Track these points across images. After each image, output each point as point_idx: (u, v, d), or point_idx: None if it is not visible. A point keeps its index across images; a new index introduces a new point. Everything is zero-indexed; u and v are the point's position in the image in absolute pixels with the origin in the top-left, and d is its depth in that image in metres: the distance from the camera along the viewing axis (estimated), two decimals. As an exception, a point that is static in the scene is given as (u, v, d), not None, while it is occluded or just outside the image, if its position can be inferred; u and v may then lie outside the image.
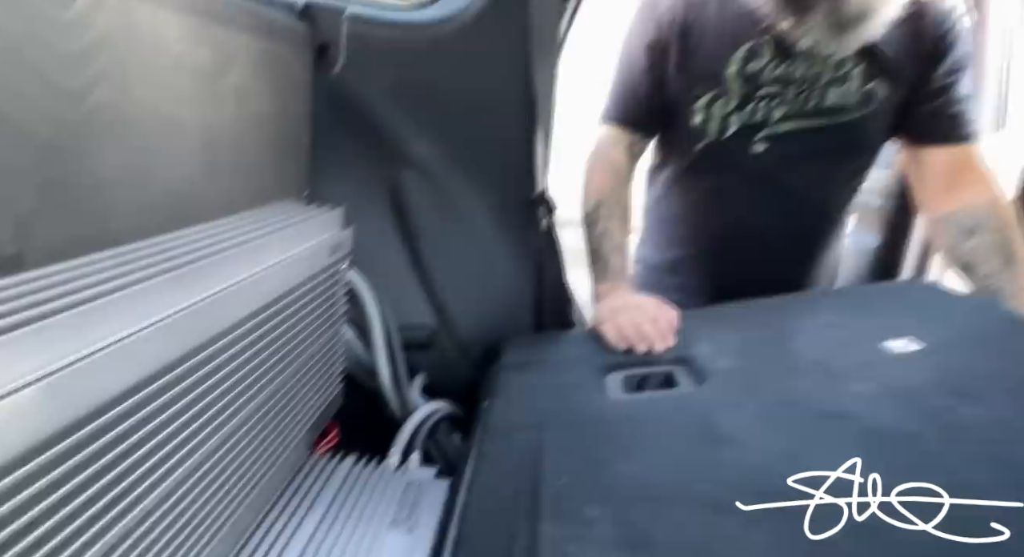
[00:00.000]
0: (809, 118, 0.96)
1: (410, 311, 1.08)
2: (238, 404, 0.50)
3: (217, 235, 0.52)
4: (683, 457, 0.60)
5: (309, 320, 0.64)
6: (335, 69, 1.01)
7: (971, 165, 0.96)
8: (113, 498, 0.36)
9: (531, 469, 0.61)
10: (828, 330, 0.85)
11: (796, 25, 0.88)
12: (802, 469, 0.54)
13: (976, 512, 0.45)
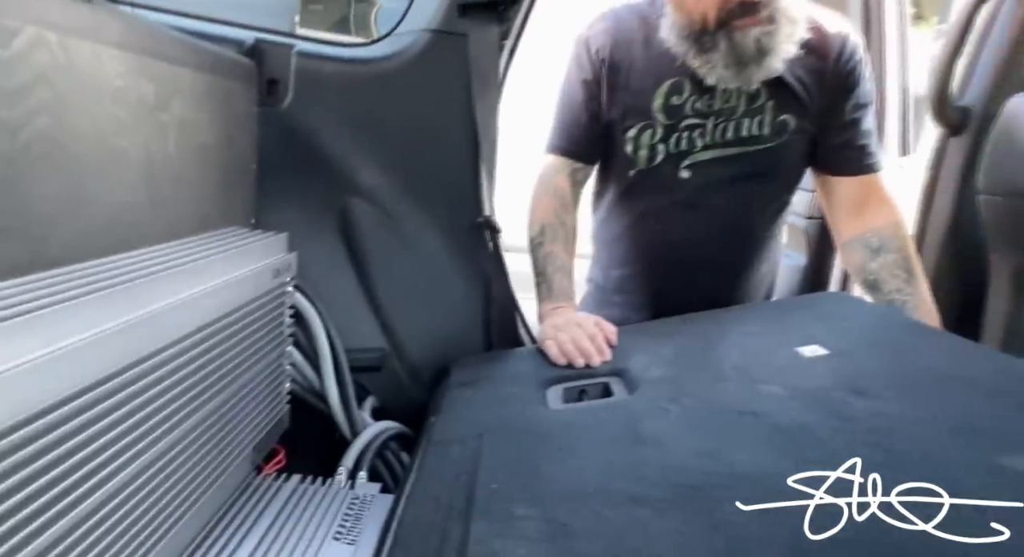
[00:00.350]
0: (728, 147, 1.03)
1: (361, 334, 1.09)
2: (175, 420, 0.51)
3: (156, 258, 0.54)
4: (609, 458, 0.64)
5: (250, 341, 0.66)
6: (284, 102, 1.05)
7: (876, 192, 1.04)
8: (42, 506, 0.37)
9: (468, 476, 0.64)
10: (749, 339, 0.90)
11: (702, 63, 0.95)
12: (714, 463, 0.59)
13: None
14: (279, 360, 0.78)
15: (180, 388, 0.52)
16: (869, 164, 1.04)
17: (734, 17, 0.91)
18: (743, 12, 0.91)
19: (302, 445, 0.94)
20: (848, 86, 1.02)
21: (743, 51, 0.92)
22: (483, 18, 1.07)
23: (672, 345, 0.93)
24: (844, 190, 1.05)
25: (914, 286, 1.00)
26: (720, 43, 0.93)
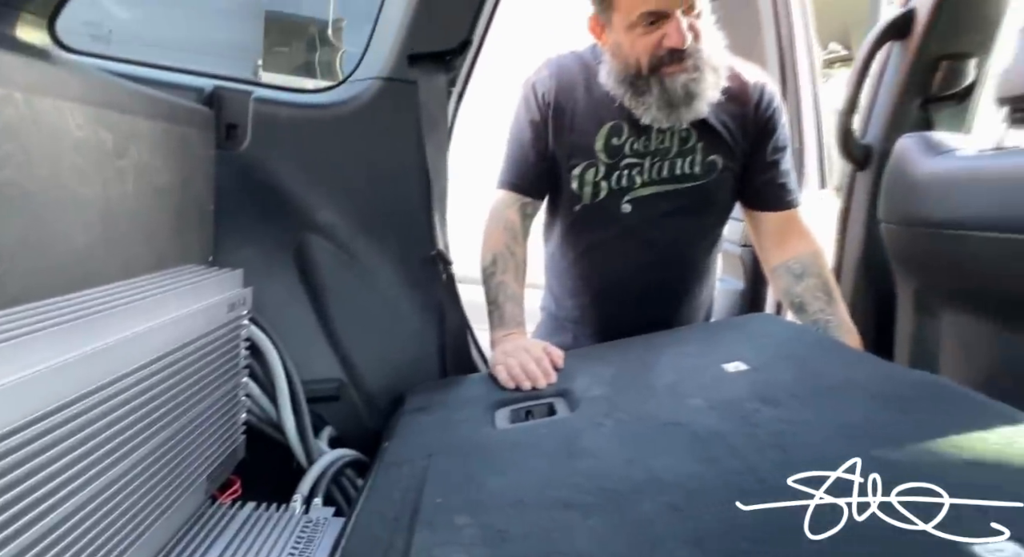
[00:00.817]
0: (664, 184, 1.11)
1: (318, 366, 1.12)
2: (124, 450, 0.53)
3: (112, 296, 0.57)
4: (545, 470, 0.68)
5: (204, 374, 0.68)
6: (243, 145, 1.09)
7: (796, 225, 1.14)
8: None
9: (415, 493, 0.67)
10: (682, 358, 0.96)
11: (637, 104, 1.04)
12: (637, 469, 0.63)
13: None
14: (234, 392, 0.80)
15: (130, 419, 0.54)
16: (789, 201, 1.13)
17: (663, 64, 1.00)
18: (671, 59, 1.00)
19: (259, 474, 0.95)
20: (767, 131, 1.11)
21: (673, 95, 1.01)
22: (431, 67, 1.14)
23: (613, 366, 0.98)
24: (769, 223, 1.14)
25: (834, 307, 1.08)
26: (653, 87, 1.02)
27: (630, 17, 0.99)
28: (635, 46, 1.01)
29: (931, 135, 1.04)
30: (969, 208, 0.89)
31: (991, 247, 0.84)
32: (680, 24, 0.97)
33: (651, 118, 1.05)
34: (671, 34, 0.98)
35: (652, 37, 0.99)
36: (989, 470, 0.51)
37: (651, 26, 0.99)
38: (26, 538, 0.42)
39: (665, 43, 0.99)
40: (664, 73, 1.00)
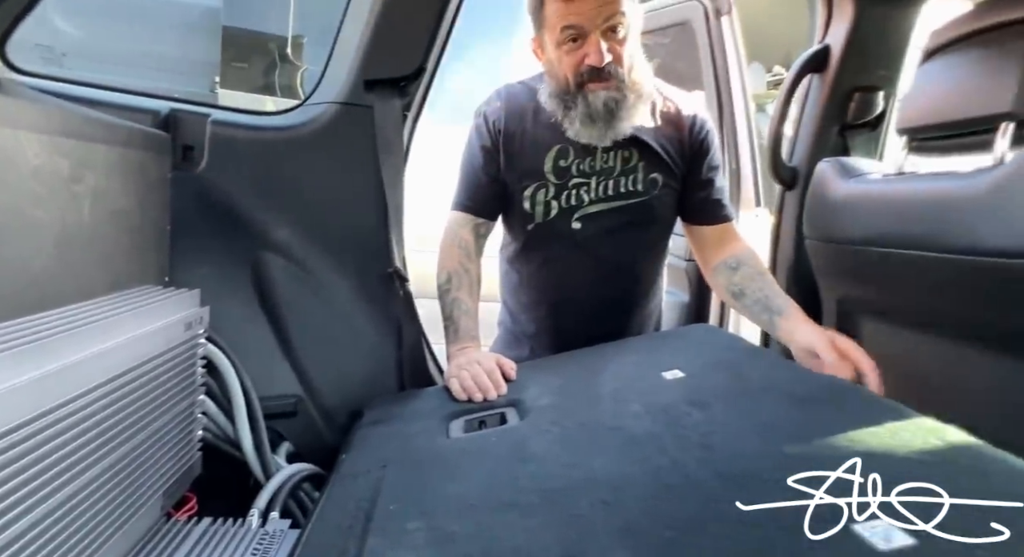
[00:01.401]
0: (610, 201, 1.17)
1: (276, 382, 1.12)
2: (78, 469, 0.54)
3: (67, 317, 0.58)
4: (493, 475, 0.71)
5: (159, 392, 0.69)
6: (199, 167, 1.10)
7: (731, 234, 1.21)
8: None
9: (369, 502, 0.69)
10: (626, 368, 1.01)
11: (565, 118, 1.10)
12: (577, 471, 0.67)
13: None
14: (190, 410, 0.80)
15: (83, 439, 0.55)
16: (724, 215, 1.21)
17: (586, 80, 1.07)
18: (592, 76, 1.07)
19: (217, 491, 0.95)
20: (702, 152, 1.19)
21: (593, 110, 1.07)
22: (387, 92, 1.17)
23: (562, 376, 1.03)
24: (707, 235, 1.21)
25: (770, 287, 1.12)
26: (578, 103, 1.08)
27: (555, 33, 1.07)
28: (562, 63, 1.08)
29: (845, 160, 1.13)
30: (875, 227, 0.97)
31: (893, 262, 0.93)
32: (599, 44, 1.04)
33: (575, 132, 1.11)
34: (590, 53, 1.05)
35: (576, 55, 1.06)
36: (875, 458, 0.56)
37: (574, 44, 1.06)
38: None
39: (586, 61, 1.06)
40: (587, 89, 1.07)
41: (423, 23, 1.14)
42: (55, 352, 0.52)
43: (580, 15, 1.04)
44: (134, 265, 0.81)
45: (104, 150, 0.73)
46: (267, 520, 0.84)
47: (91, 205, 0.70)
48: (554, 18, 1.06)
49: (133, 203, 0.80)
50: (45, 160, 0.61)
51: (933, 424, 0.61)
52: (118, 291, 0.74)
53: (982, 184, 0.77)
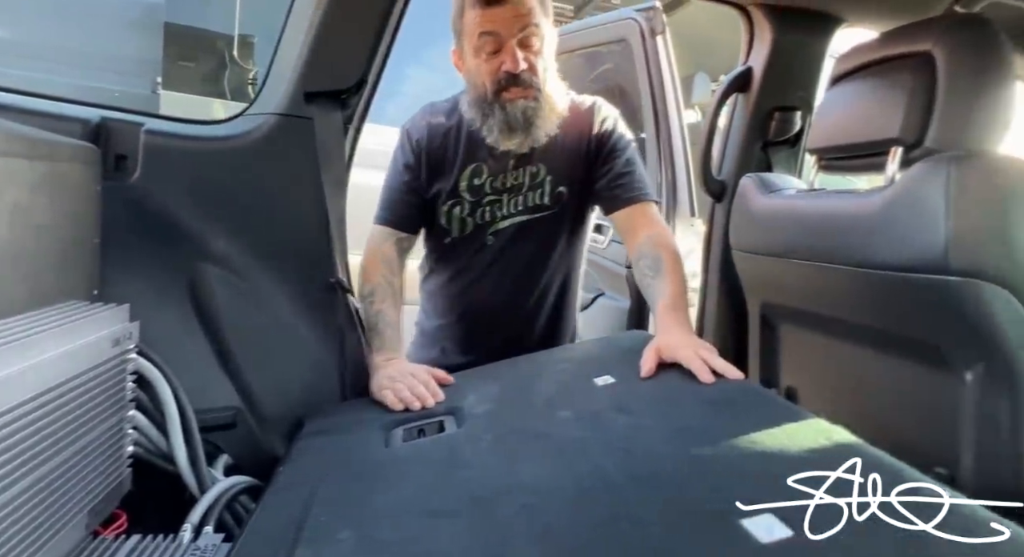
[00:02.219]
0: (521, 215, 1.22)
1: (214, 395, 1.11)
2: (6, 481, 0.54)
3: (-16, 337, 0.57)
4: (426, 482, 0.74)
5: (84, 410, 0.68)
6: (133, 177, 1.08)
7: (642, 217, 1.18)
8: None
9: (301, 513, 0.70)
10: (561, 374, 1.05)
11: (484, 126, 1.14)
12: (504, 477, 0.70)
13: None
14: (119, 426, 0.79)
15: (7, 454, 0.55)
16: (631, 196, 1.18)
17: (504, 88, 1.12)
18: (509, 84, 1.11)
19: (150, 507, 0.94)
20: (605, 138, 1.22)
21: (512, 118, 1.12)
22: (328, 105, 1.18)
23: (500, 384, 1.06)
24: (620, 221, 1.22)
25: (659, 280, 1.10)
26: (496, 111, 1.13)
27: (474, 40, 1.11)
28: (480, 71, 1.12)
29: (766, 176, 1.20)
30: (787, 239, 1.04)
31: (803, 272, 1.00)
32: (514, 52, 1.09)
33: (494, 139, 1.16)
34: (507, 60, 1.10)
35: (493, 62, 1.11)
36: (768, 457, 0.62)
37: (491, 54, 1.11)
38: None
39: (503, 68, 1.10)
40: (505, 98, 1.12)
41: (363, 36, 1.16)
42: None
43: (496, 23, 1.08)
44: (59, 280, 0.80)
45: (26, 165, 0.71)
46: (200, 534, 0.84)
47: (11, 221, 0.68)
48: (472, 25, 1.11)
49: (58, 217, 0.79)
50: (-40, 177, 0.59)
51: (823, 425, 0.67)
52: (42, 308, 0.72)
53: (873, 203, 0.84)
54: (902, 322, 0.86)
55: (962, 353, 0.77)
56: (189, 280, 1.11)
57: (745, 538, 0.50)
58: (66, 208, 0.82)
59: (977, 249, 0.72)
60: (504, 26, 1.09)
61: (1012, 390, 0.73)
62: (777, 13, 1.27)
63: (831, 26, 1.28)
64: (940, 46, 0.83)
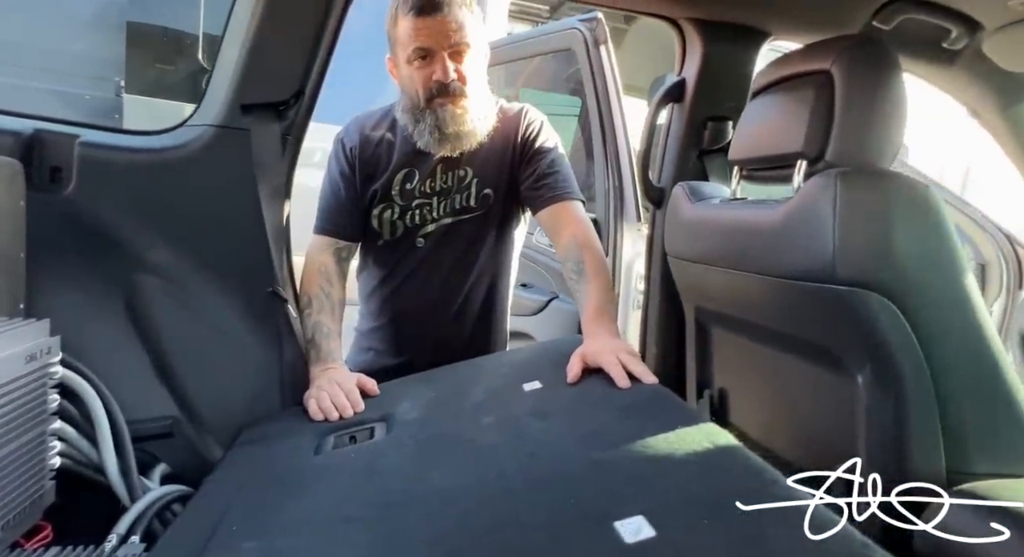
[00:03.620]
0: (449, 217, 1.25)
1: (151, 405, 1.11)
2: None
3: None
4: (343, 490, 0.76)
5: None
6: (68, 189, 1.08)
7: (565, 216, 1.20)
8: None
9: (215, 523, 0.72)
10: (491, 381, 1.08)
11: (415, 131, 1.17)
12: (417, 484, 0.73)
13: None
14: (39, 439, 0.80)
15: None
16: (554, 195, 1.21)
17: (435, 96, 1.15)
18: (440, 92, 1.15)
19: (81, 518, 0.94)
20: (531, 141, 1.26)
21: (442, 124, 1.15)
22: (265, 116, 1.19)
23: (435, 390, 1.08)
24: (544, 220, 1.25)
25: (583, 284, 1.13)
26: (427, 116, 1.16)
27: (407, 50, 1.15)
28: (413, 79, 1.16)
29: (697, 184, 1.24)
30: (710, 246, 1.08)
31: (724, 278, 1.04)
32: (445, 62, 1.13)
33: (424, 143, 1.19)
34: (437, 70, 1.13)
35: (425, 71, 1.15)
36: (655, 461, 0.65)
37: (424, 62, 1.14)
38: None
39: (434, 77, 1.14)
40: (436, 104, 1.15)
41: (299, 47, 1.17)
42: None
43: (429, 35, 1.12)
44: (-23, 296, 0.80)
45: (-65, 184, 0.72)
46: (125, 543, 0.85)
47: (-81, 240, 0.69)
48: (405, 36, 1.14)
49: (-26, 234, 0.79)
50: None
51: (713, 428, 0.71)
52: (-46, 325, 0.73)
53: (776, 214, 0.88)
54: (802, 327, 0.90)
55: (852, 357, 0.81)
56: (126, 291, 1.11)
57: (614, 539, 0.54)
58: (-15, 224, 0.82)
59: (862, 260, 0.76)
60: (435, 38, 1.12)
61: (896, 392, 0.77)
62: (706, 27, 1.31)
63: (758, 39, 1.33)
64: (837, 65, 0.87)
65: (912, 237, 0.75)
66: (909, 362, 0.75)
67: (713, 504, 0.55)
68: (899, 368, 0.76)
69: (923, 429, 0.76)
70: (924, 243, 0.75)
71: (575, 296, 1.18)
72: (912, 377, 0.75)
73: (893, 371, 0.77)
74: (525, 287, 2.07)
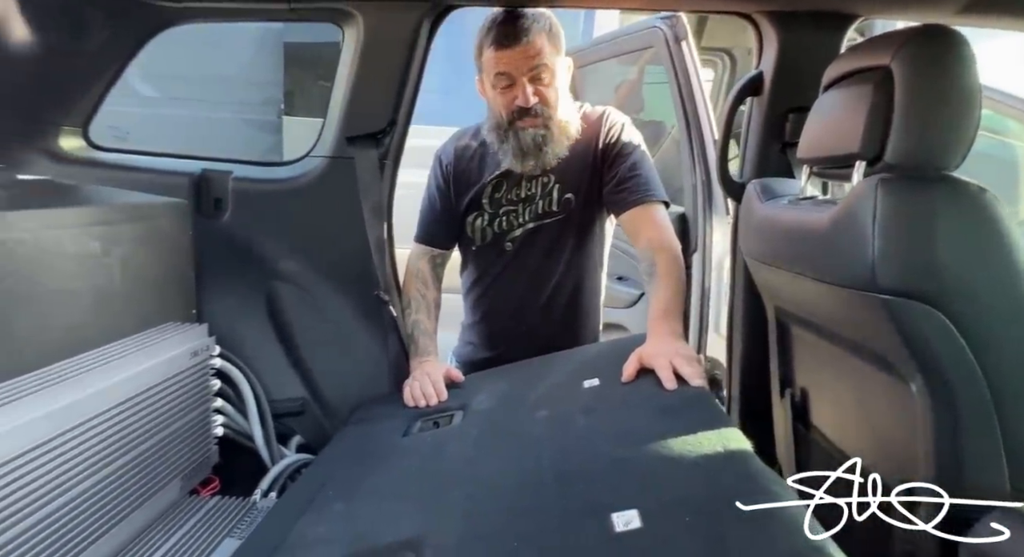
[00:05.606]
0: (533, 222, 1.34)
1: (286, 387, 1.38)
2: (109, 458, 0.79)
3: (100, 357, 0.83)
4: (414, 467, 0.90)
5: (171, 405, 0.94)
6: (225, 216, 1.36)
7: (644, 220, 1.25)
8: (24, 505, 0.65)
9: (317, 487, 0.90)
10: (557, 377, 1.16)
11: (500, 150, 1.26)
12: (464, 466, 0.85)
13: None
14: (204, 414, 1.05)
15: (109, 440, 0.80)
16: (634, 199, 1.25)
17: (517, 118, 1.23)
18: (522, 115, 1.22)
19: (237, 474, 1.21)
20: (611, 145, 1.29)
21: (524, 144, 1.23)
22: (365, 145, 1.38)
23: (507, 384, 1.20)
24: (625, 224, 1.29)
25: (653, 285, 1.18)
26: (510, 137, 1.25)
27: (491, 76, 1.23)
28: (497, 102, 1.24)
29: (768, 182, 1.20)
30: (771, 247, 1.06)
31: (786, 279, 1.02)
32: (525, 88, 1.20)
33: (508, 163, 1.27)
34: (519, 95, 1.21)
35: (507, 96, 1.23)
36: (669, 460, 0.70)
37: (506, 88, 1.22)
38: (49, 508, 0.68)
39: (516, 102, 1.22)
40: (518, 126, 1.23)
41: (391, 84, 1.34)
42: (88, 384, 0.76)
43: (509, 64, 1.20)
44: (160, 307, 1.07)
45: (128, 228, 0.98)
46: (267, 497, 1.08)
47: (121, 270, 0.95)
48: (488, 64, 1.23)
49: (155, 261, 1.06)
50: (80, 245, 0.86)
51: (732, 434, 0.74)
52: (145, 329, 0.99)
53: (824, 218, 0.86)
54: (858, 332, 0.87)
55: (904, 365, 0.78)
56: (267, 296, 1.38)
57: (606, 528, 0.61)
58: (162, 253, 1.09)
59: (903, 269, 0.72)
60: (516, 66, 1.20)
61: (949, 402, 0.73)
62: (782, 17, 1.24)
63: (842, 24, 1.23)
64: (897, 60, 0.82)
65: (959, 244, 0.69)
66: (961, 372, 0.71)
67: (703, 504, 0.60)
68: (950, 378, 0.72)
69: (980, 442, 0.71)
70: (974, 250, 0.69)
71: (648, 297, 1.22)
72: (965, 388, 0.71)
73: (944, 381, 0.73)
74: (621, 280, 2.10)
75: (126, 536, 0.84)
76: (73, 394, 0.74)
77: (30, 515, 0.67)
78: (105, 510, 0.79)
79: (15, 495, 0.65)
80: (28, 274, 0.77)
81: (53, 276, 0.81)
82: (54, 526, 0.70)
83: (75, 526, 0.73)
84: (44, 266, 0.79)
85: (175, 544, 0.87)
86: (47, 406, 0.70)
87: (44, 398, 0.70)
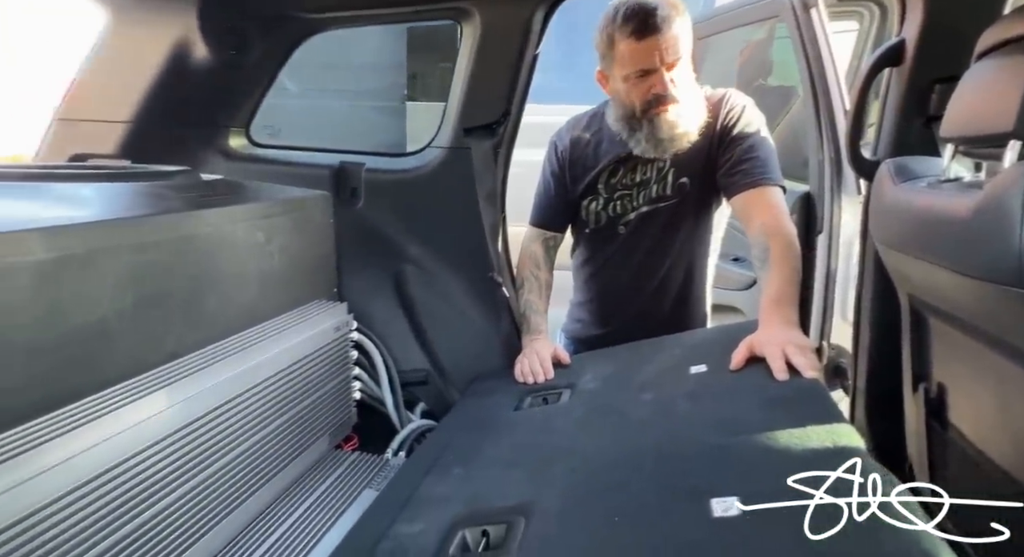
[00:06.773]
0: (647, 206, 1.33)
1: (412, 359, 1.51)
2: (268, 419, 0.95)
3: (261, 332, 0.99)
4: (521, 441, 0.97)
5: (319, 372, 1.09)
6: (359, 204, 1.51)
7: (757, 203, 1.21)
8: (210, 454, 0.81)
9: (439, 452, 1.01)
10: (664, 361, 1.17)
11: (632, 139, 1.26)
12: (567, 441, 0.90)
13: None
14: (345, 381, 1.21)
15: (269, 403, 0.95)
16: (748, 182, 1.22)
17: (652, 106, 1.22)
18: (657, 102, 1.21)
19: (372, 433, 1.37)
20: (729, 128, 1.25)
21: (659, 131, 1.22)
22: (481, 135, 1.45)
23: (615, 365, 1.23)
24: (737, 207, 1.26)
25: (766, 271, 1.15)
26: (644, 125, 1.24)
27: (626, 71, 1.22)
28: (630, 93, 1.24)
29: (904, 162, 1.10)
30: (904, 233, 0.98)
31: (920, 268, 0.94)
32: (664, 77, 1.19)
33: (641, 150, 1.27)
34: (657, 85, 1.20)
35: (643, 86, 1.21)
36: (771, 453, 0.69)
37: (640, 78, 1.21)
38: (227, 458, 0.84)
39: (653, 91, 1.20)
40: (652, 114, 1.22)
41: (505, 76, 1.39)
42: (253, 355, 0.92)
43: (649, 57, 1.19)
44: (309, 287, 1.23)
45: (286, 219, 1.14)
46: (397, 456, 1.22)
47: (279, 256, 1.11)
48: (625, 58, 1.21)
49: (306, 247, 1.22)
50: (247, 237, 1.02)
51: (843, 429, 0.71)
52: (296, 307, 1.15)
53: (966, 205, 0.78)
54: (1003, 329, 0.79)
55: (1056, 371, 0.70)
56: (395, 277, 1.52)
57: (705, 512, 0.63)
58: (311, 240, 1.25)
59: (1057, 264, 0.65)
60: (655, 58, 1.19)
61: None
62: (931, -25, 1.11)
63: (1007, -25, 1.07)
64: (1068, 24, 0.72)
65: None
66: None
67: (806, 498, 0.59)
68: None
69: None
70: None
71: (760, 283, 1.18)
72: None
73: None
74: (737, 261, 2.01)
75: (285, 483, 1.00)
76: (245, 362, 0.90)
77: (214, 463, 0.83)
78: (270, 460, 0.95)
79: (204, 445, 0.81)
80: (214, 261, 0.93)
81: (231, 263, 0.98)
82: (231, 473, 0.86)
83: (247, 474, 0.90)
84: (224, 255, 0.96)
85: (324, 491, 1.02)
86: (229, 371, 0.86)
87: (228, 365, 0.86)
